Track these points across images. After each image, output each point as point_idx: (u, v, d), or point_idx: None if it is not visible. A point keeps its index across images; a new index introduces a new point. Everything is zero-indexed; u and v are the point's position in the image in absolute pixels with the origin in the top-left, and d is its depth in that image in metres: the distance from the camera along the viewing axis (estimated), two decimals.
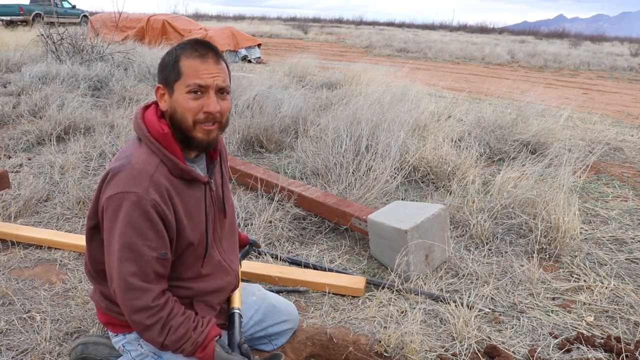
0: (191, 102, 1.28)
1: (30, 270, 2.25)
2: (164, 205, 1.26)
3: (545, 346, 1.85)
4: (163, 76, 1.32)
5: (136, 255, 1.24)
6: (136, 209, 1.22)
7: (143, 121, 1.33)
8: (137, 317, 1.26)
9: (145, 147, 1.31)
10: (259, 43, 12.50)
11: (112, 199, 1.24)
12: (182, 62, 1.28)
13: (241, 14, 54.54)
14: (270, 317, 1.71)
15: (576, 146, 4.60)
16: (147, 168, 1.26)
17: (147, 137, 1.30)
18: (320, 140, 3.61)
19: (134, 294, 1.25)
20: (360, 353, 1.81)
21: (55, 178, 3.29)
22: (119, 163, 1.28)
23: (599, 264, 2.51)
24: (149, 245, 1.25)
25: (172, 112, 1.31)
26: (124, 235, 1.23)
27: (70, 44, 7.09)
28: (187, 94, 1.28)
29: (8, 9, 18.12)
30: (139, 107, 1.39)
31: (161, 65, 1.34)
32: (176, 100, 1.30)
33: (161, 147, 1.30)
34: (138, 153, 1.29)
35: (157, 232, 1.26)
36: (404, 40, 22.54)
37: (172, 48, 1.34)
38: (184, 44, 1.32)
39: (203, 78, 1.28)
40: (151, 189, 1.24)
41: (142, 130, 1.32)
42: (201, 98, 1.29)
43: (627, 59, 18.36)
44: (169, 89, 1.31)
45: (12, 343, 1.75)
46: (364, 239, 2.63)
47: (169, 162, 1.30)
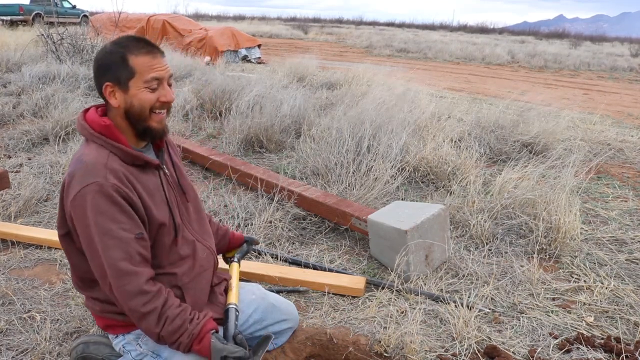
0: (149, 95, 1.35)
1: (30, 270, 2.25)
2: (125, 188, 1.30)
3: (545, 346, 1.85)
4: (112, 75, 1.34)
5: (116, 241, 1.26)
6: (101, 196, 1.26)
7: (85, 121, 1.37)
8: (132, 304, 1.27)
9: (93, 144, 1.35)
10: (259, 43, 12.51)
11: (76, 198, 1.27)
12: (132, 60, 1.32)
13: (241, 14, 54.56)
14: (269, 316, 1.71)
15: (576, 147, 4.60)
16: (100, 159, 1.31)
17: (92, 134, 1.35)
18: (322, 140, 3.61)
19: (125, 280, 1.26)
20: (360, 353, 1.81)
21: (55, 178, 3.29)
22: (73, 167, 1.32)
23: (599, 264, 2.51)
24: (124, 228, 1.28)
25: (129, 106, 1.35)
26: (98, 226, 1.25)
27: (70, 44, 7.09)
28: (144, 88, 1.34)
29: (8, 9, 18.11)
30: (80, 112, 1.43)
31: (104, 65, 1.35)
32: (133, 95, 1.34)
33: (107, 139, 1.34)
34: (87, 151, 1.34)
35: (127, 213, 1.29)
36: (404, 40, 22.54)
37: (108, 47, 1.36)
38: (123, 42, 1.35)
39: (158, 72, 1.34)
40: (109, 175, 1.28)
41: (86, 130, 1.36)
42: (157, 90, 1.36)
43: (627, 59, 18.37)
44: (121, 87, 1.34)
45: (12, 343, 1.75)
46: (364, 239, 2.63)
47: (118, 152, 1.34)
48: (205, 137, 4.49)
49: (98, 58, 1.37)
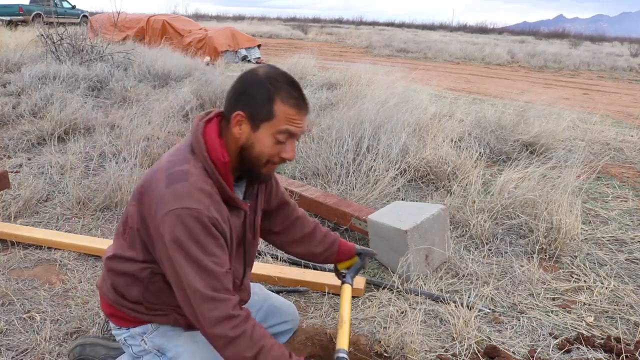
0: (274, 146, 1.26)
1: (30, 270, 2.25)
2: (223, 224, 1.24)
3: (545, 346, 1.85)
4: (249, 108, 1.25)
5: (206, 272, 1.19)
6: (197, 224, 1.18)
7: (204, 138, 1.27)
8: (219, 330, 1.19)
9: (201, 166, 1.26)
10: (259, 44, 12.51)
11: (170, 214, 1.19)
12: (277, 105, 1.23)
13: (241, 14, 54.58)
14: (271, 318, 1.71)
15: (576, 147, 4.60)
16: (206, 187, 1.23)
17: (204, 158, 1.26)
18: (322, 140, 3.61)
19: (211, 305, 1.18)
20: (360, 353, 1.81)
21: (55, 178, 3.29)
22: (173, 176, 1.23)
23: (599, 264, 2.51)
24: (216, 262, 1.21)
25: (248, 145, 1.27)
26: (187, 252, 1.18)
27: (70, 44, 7.09)
28: (272, 136, 1.25)
29: (8, 9, 18.11)
30: (200, 119, 1.32)
31: (247, 93, 1.26)
32: (258, 138, 1.26)
33: (217, 173, 1.26)
34: (194, 171, 1.24)
35: (221, 247, 1.23)
36: (404, 40, 22.54)
37: (259, 77, 1.25)
38: (277, 81, 1.25)
39: (295, 127, 1.26)
40: (212, 208, 1.21)
41: (200, 149, 1.26)
42: (283, 143, 1.27)
43: (627, 59, 18.38)
44: (252, 124, 1.25)
45: (12, 343, 1.75)
46: (364, 239, 2.63)
47: (220, 188, 1.27)
48: None
49: (245, 81, 1.27)
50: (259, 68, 1.28)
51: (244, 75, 1.30)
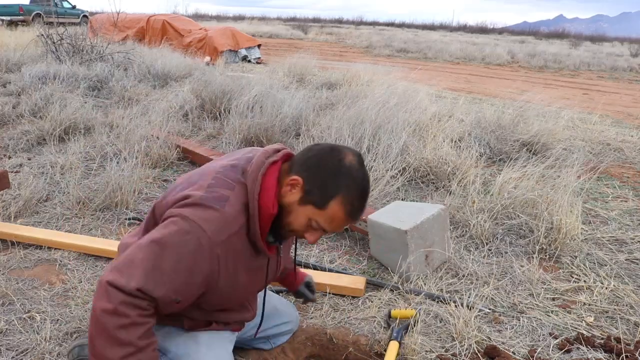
0: (303, 226, 1.26)
1: (30, 270, 2.25)
2: (223, 263, 1.20)
3: (545, 346, 1.85)
4: (310, 184, 1.21)
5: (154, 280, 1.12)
6: (196, 246, 1.15)
7: (262, 181, 1.24)
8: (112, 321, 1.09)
9: (244, 201, 1.22)
10: (259, 43, 12.51)
11: (185, 220, 1.16)
12: (335, 202, 1.20)
13: (241, 14, 54.58)
14: (272, 319, 1.71)
15: (576, 147, 4.60)
16: (233, 224, 1.20)
17: (253, 200, 1.22)
18: (322, 140, 3.61)
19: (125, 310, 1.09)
20: (360, 353, 1.81)
21: (55, 178, 3.29)
22: (213, 197, 1.19)
23: (599, 264, 2.51)
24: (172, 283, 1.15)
25: (286, 210, 1.25)
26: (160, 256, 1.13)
27: (70, 44, 7.09)
28: (309, 219, 1.24)
29: (8, 9, 18.11)
30: (267, 156, 1.28)
31: (318, 170, 1.21)
32: (300, 213, 1.24)
33: (257, 220, 1.22)
34: (233, 203, 1.21)
35: (189, 279, 1.17)
36: (404, 40, 22.54)
37: (342, 165, 1.21)
38: (354, 183, 1.21)
39: (332, 228, 1.25)
40: (224, 244, 1.18)
41: (253, 190, 1.22)
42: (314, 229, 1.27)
43: (627, 59, 18.37)
44: (303, 197, 1.23)
45: (11, 343, 1.75)
46: (364, 239, 2.63)
47: (253, 235, 1.24)
48: (205, 137, 4.49)
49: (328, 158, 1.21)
50: (349, 154, 1.23)
51: (333, 150, 1.24)
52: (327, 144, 1.28)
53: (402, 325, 1.85)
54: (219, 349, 1.42)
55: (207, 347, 1.40)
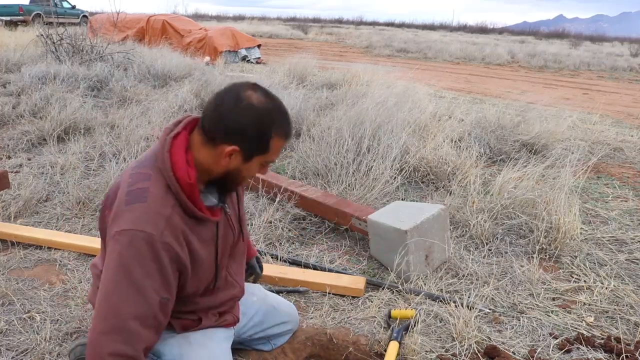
0: (257, 171, 1.33)
1: (30, 270, 2.25)
2: (178, 248, 1.22)
3: (545, 346, 1.85)
4: (246, 144, 1.24)
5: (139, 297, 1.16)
6: (148, 248, 1.17)
7: (170, 157, 1.24)
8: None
9: (164, 183, 1.23)
10: (259, 43, 12.50)
11: (123, 234, 1.17)
12: (274, 141, 1.26)
13: (241, 14, 54.57)
14: (270, 318, 1.71)
15: (576, 147, 4.60)
16: (163, 209, 1.21)
17: (170, 177, 1.23)
18: (322, 140, 3.61)
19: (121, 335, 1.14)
20: (360, 353, 1.81)
21: (55, 178, 3.29)
22: (132, 194, 1.22)
23: (599, 264, 2.51)
24: (154, 287, 1.18)
25: (235, 173, 1.29)
26: (128, 272, 1.16)
27: (70, 44, 7.09)
28: (260, 164, 1.31)
29: (8, 9, 18.10)
30: (168, 132, 1.29)
31: (244, 130, 1.22)
32: (248, 168, 1.29)
33: (182, 193, 1.23)
34: (154, 189, 1.22)
35: (164, 275, 1.20)
36: (404, 40, 22.54)
37: (257, 111, 1.22)
38: (276, 115, 1.25)
39: (278, 155, 1.33)
40: (166, 232, 1.19)
41: (166, 169, 1.23)
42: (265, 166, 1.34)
43: (627, 59, 18.36)
44: (245, 156, 1.26)
45: (11, 343, 1.75)
46: (364, 239, 2.63)
47: (186, 207, 1.25)
48: None
49: (243, 114, 1.21)
50: (252, 94, 1.23)
51: (238, 102, 1.22)
52: (225, 91, 1.25)
53: (402, 325, 1.85)
54: (213, 347, 1.42)
55: (201, 346, 1.40)
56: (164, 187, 1.23)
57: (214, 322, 1.47)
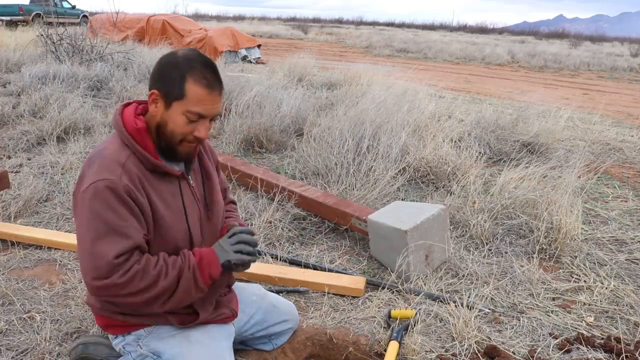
0: (185, 126, 1.31)
1: (30, 270, 2.25)
2: (136, 191, 1.28)
3: (545, 346, 1.85)
4: (163, 87, 1.30)
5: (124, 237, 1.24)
6: (111, 193, 1.24)
7: (121, 117, 1.35)
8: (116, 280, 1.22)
9: (119, 140, 1.33)
10: (259, 44, 12.50)
11: (87, 190, 1.25)
12: (189, 84, 1.28)
13: (241, 14, 54.58)
14: (270, 317, 1.71)
15: (576, 147, 4.60)
16: (118, 158, 1.29)
17: (122, 132, 1.33)
18: (321, 140, 3.61)
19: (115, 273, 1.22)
20: (360, 353, 1.81)
21: (55, 178, 3.29)
22: (92, 158, 1.31)
23: (599, 264, 2.51)
24: (134, 227, 1.26)
25: (162, 124, 1.33)
26: (106, 221, 1.23)
27: (70, 44, 7.09)
28: (184, 116, 1.30)
29: (8, 9, 18.11)
30: (120, 105, 1.41)
31: (161, 72, 1.31)
32: (170, 116, 1.31)
33: (134, 142, 1.31)
34: (110, 146, 1.32)
35: (135, 215, 1.27)
36: (404, 40, 22.54)
37: (176, 57, 1.31)
38: (191, 62, 1.30)
39: (206, 109, 1.30)
40: (123, 176, 1.26)
41: (118, 125, 1.34)
42: (195, 122, 1.32)
43: (627, 59, 18.37)
44: (165, 102, 1.31)
45: (12, 343, 1.75)
46: (364, 239, 2.63)
47: (140, 156, 1.32)
48: None
49: (162, 62, 1.32)
50: (179, 50, 1.34)
51: (163, 55, 1.35)
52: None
53: (402, 325, 1.85)
54: (213, 346, 1.42)
55: (201, 345, 1.40)
56: (119, 143, 1.33)
57: (210, 313, 1.46)
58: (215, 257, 1.36)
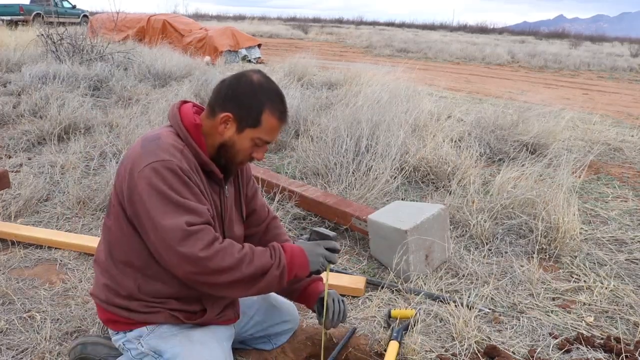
0: (251, 149, 1.39)
1: (30, 270, 2.25)
2: (194, 175, 1.32)
3: (545, 346, 1.86)
4: (239, 112, 1.35)
5: (185, 209, 1.25)
6: (171, 172, 1.26)
7: (179, 111, 1.39)
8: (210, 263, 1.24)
9: (174, 131, 1.37)
10: (259, 43, 12.50)
11: (145, 169, 1.26)
12: (265, 115, 1.35)
13: (241, 14, 54.57)
14: (271, 318, 1.71)
15: (576, 146, 4.60)
16: (177, 145, 1.33)
17: (178, 125, 1.37)
18: (321, 140, 3.61)
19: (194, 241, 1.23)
20: (360, 353, 1.81)
21: (55, 178, 3.29)
22: (145, 143, 1.32)
23: (599, 264, 2.51)
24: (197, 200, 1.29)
25: (229, 145, 1.38)
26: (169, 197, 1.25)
27: (70, 44, 7.09)
28: (252, 141, 1.37)
29: (8, 9, 18.10)
30: (178, 101, 1.45)
31: (237, 98, 1.35)
32: (240, 140, 1.37)
33: (189, 136, 1.35)
34: (166, 134, 1.35)
35: (196, 195, 1.30)
36: (404, 40, 22.53)
37: (254, 86, 1.35)
38: (269, 94, 1.36)
39: (274, 138, 1.40)
40: (183, 160, 1.30)
41: (175, 118, 1.38)
42: (258, 147, 1.40)
43: (627, 59, 18.37)
44: (238, 127, 1.36)
45: (12, 342, 1.75)
46: (364, 239, 2.64)
47: (193, 150, 1.35)
48: None
49: (240, 86, 1.35)
50: (254, 74, 1.38)
51: (239, 78, 1.38)
52: (232, 75, 1.40)
53: (402, 325, 1.85)
54: (213, 346, 1.42)
55: (202, 344, 1.40)
56: (174, 134, 1.36)
57: (216, 314, 1.47)
58: (306, 260, 1.39)
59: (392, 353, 1.70)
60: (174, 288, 1.38)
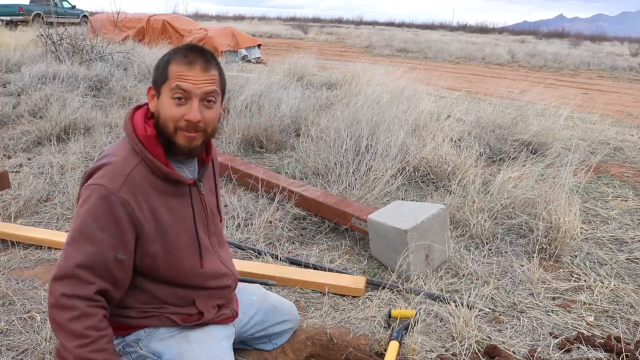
0: (174, 108, 1.28)
1: (30, 270, 2.25)
2: (135, 206, 1.27)
3: (545, 346, 1.85)
4: (154, 77, 1.34)
5: (91, 247, 1.23)
6: (103, 202, 1.24)
7: (131, 121, 1.34)
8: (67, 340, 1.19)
9: (129, 146, 1.32)
10: (259, 43, 12.50)
11: (86, 188, 1.27)
12: (171, 66, 1.29)
13: (241, 14, 54.57)
14: (271, 318, 1.71)
15: (576, 146, 4.60)
16: (125, 167, 1.28)
17: (132, 137, 1.32)
18: (321, 140, 3.61)
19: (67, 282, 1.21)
20: (360, 353, 1.81)
21: (55, 178, 3.29)
22: (102, 160, 1.31)
23: (599, 263, 2.51)
24: (108, 242, 1.25)
25: (157, 115, 1.33)
26: (84, 224, 1.24)
27: (70, 44, 7.09)
28: (171, 98, 1.29)
29: (8, 9, 18.10)
30: (132, 107, 1.41)
31: (156, 66, 1.35)
32: (161, 103, 1.31)
33: (144, 149, 1.30)
34: (120, 152, 1.31)
35: (120, 231, 1.26)
36: (404, 40, 22.52)
37: (169, 52, 1.35)
38: (178, 48, 1.33)
39: (185, 82, 1.27)
40: (124, 187, 1.26)
41: (128, 130, 1.33)
42: (185, 105, 1.28)
43: (627, 58, 18.37)
44: (157, 91, 1.33)
45: (12, 343, 1.75)
46: (364, 239, 2.63)
47: (150, 164, 1.30)
48: None
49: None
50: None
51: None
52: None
53: (402, 325, 1.85)
54: (212, 346, 1.42)
55: (200, 345, 1.40)
56: (129, 149, 1.32)
57: (213, 315, 1.47)
58: None
59: (392, 353, 1.70)
60: (163, 295, 1.39)
